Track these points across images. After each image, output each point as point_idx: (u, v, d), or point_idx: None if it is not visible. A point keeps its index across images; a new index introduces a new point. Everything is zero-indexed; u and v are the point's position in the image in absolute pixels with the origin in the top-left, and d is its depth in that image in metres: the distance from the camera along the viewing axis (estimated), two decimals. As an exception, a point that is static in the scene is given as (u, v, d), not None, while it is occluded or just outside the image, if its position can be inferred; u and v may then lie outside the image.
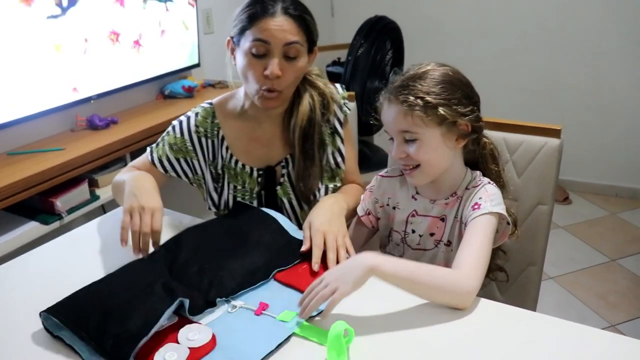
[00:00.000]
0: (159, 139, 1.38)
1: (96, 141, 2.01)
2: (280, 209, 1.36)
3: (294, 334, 0.92)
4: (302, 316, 0.93)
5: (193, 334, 0.91)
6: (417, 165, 1.11)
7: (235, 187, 1.36)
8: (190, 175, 1.38)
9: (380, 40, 2.53)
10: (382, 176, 1.29)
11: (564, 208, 3.08)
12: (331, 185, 1.35)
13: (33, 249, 1.30)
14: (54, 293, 1.00)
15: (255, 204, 1.36)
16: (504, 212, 1.09)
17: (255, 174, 1.35)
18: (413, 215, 1.21)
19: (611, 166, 3.17)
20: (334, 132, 1.34)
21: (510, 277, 1.41)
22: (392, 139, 1.13)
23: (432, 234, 1.19)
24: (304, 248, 1.11)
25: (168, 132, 1.37)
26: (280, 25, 1.16)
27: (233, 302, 1.00)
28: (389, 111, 1.10)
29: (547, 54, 3.13)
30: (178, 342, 0.90)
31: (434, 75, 1.09)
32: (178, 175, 1.38)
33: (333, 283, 0.92)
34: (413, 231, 1.21)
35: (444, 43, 3.37)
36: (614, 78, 3.01)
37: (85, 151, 1.91)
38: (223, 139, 1.35)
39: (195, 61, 2.62)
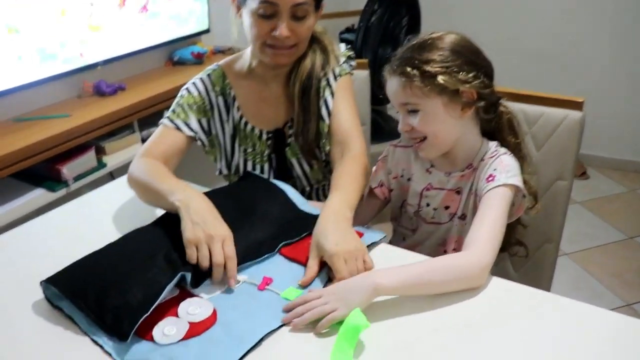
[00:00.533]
0: (173, 106, 1.31)
1: (103, 108, 1.98)
2: (290, 170, 1.34)
3: None
4: (291, 325, 0.85)
5: (194, 308, 0.88)
6: (424, 138, 1.08)
7: (245, 149, 1.34)
8: (209, 137, 1.34)
9: (394, 6, 2.45)
10: (395, 146, 1.23)
11: (581, 183, 3.01)
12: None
13: (39, 216, 1.27)
14: (60, 261, 0.98)
15: (266, 167, 1.34)
16: (520, 184, 1.04)
17: (264, 136, 1.32)
18: (428, 189, 1.16)
19: (631, 141, 3.08)
20: (327, 84, 1.28)
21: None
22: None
23: (446, 207, 1.15)
24: (306, 278, 0.95)
25: (183, 95, 1.31)
26: None
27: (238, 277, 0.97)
28: (390, 84, 1.08)
29: (570, 23, 3.02)
30: (178, 316, 0.87)
31: (434, 44, 1.05)
32: (201, 140, 1.32)
33: (334, 303, 0.85)
34: (427, 204, 1.17)
35: (464, 10, 3.26)
36: (636, 52, 2.90)
37: (91, 118, 1.89)
38: (234, 99, 1.32)
39: (205, 27, 2.56)
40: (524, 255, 1.28)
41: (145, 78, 2.33)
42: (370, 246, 1.06)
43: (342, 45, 1.35)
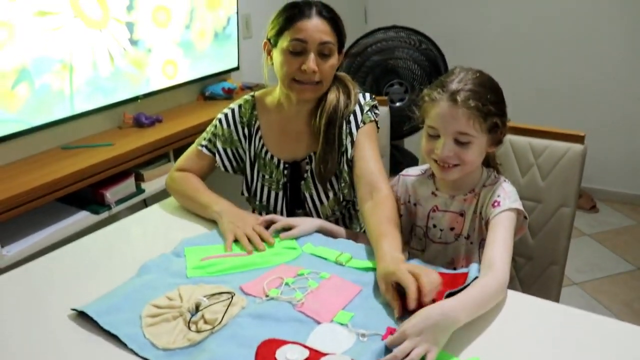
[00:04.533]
0: (205, 133, 1.52)
1: (142, 138, 2.14)
2: (303, 202, 1.47)
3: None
4: None
5: None
6: (457, 164, 1.17)
7: (263, 176, 1.48)
8: (235, 164, 1.52)
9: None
10: (403, 175, 1.38)
11: (591, 216, 3.11)
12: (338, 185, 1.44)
13: (83, 237, 1.40)
14: (104, 275, 1.16)
15: (280, 195, 1.48)
16: (521, 207, 1.17)
17: (282, 166, 1.46)
18: (434, 211, 1.29)
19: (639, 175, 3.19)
20: (349, 132, 1.40)
21: (532, 276, 1.49)
22: (435, 135, 1.17)
23: (452, 229, 1.27)
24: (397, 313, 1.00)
25: (215, 125, 1.50)
26: (316, 26, 1.31)
27: (360, 331, 0.96)
28: (450, 111, 1.12)
29: (576, 61, 3.17)
30: None
31: (490, 85, 1.16)
32: (224, 167, 1.51)
33: (425, 344, 0.88)
34: (434, 226, 1.29)
35: (473, 51, 3.43)
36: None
37: (132, 147, 2.04)
38: (258, 129, 1.48)
39: (235, 65, 2.75)
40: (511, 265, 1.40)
41: (179, 111, 2.50)
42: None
43: (367, 95, 1.45)
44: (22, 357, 0.94)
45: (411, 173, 1.36)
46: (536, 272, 1.48)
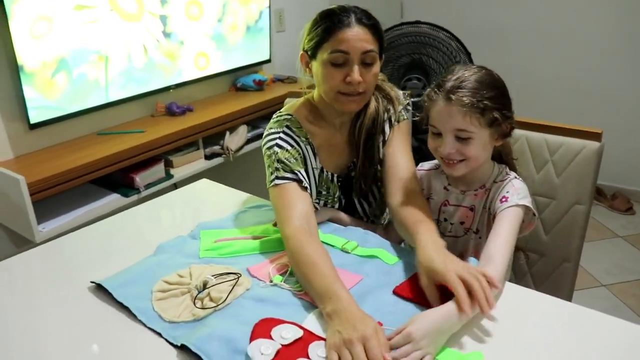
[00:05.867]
0: (273, 166, 1.27)
1: (173, 126, 2.22)
2: (354, 209, 1.45)
3: None
4: None
5: (323, 351, 0.90)
6: (462, 160, 1.19)
7: (320, 192, 1.39)
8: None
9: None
10: (417, 170, 1.39)
11: (626, 218, 3.03)
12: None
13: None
14: (129, 253, 1.23)
15: (336, 207, 1.43)
16: (530, 204, 1.18)
17: (335, 180, 1.40)
18: (445, 205, 1.30)
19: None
20: (382, 131, 1.38)
21: (544, 273, 1.48)
22: (438, 133, 1.20)
23: (462, 223, 1.29)
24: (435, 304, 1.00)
25: (276, 152, 1.28)
26: (357, 35, 1.21)
27: None
28: (446, 109, 1.15)
29: (611, 62, 3.09)
30: (309, 358, 0.90)
31: (488, 80, 1.17)
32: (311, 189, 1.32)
33: (426, 348, 0.89)
34: (445, 219, 1.31)
35: (507, 47, 3.39)
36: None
37: (163, 134, 2.13)
38: (313, 145, 1.37)
39: (267, 57, 2.80)
40: (524, 260, 1.44)
41: (210, 101, 2.58)
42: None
43: (400, 93, 1.41)
44: (44, 322, 1.04)
45: (425, 167, 1.38)
46: (548, 269, 1.47)
